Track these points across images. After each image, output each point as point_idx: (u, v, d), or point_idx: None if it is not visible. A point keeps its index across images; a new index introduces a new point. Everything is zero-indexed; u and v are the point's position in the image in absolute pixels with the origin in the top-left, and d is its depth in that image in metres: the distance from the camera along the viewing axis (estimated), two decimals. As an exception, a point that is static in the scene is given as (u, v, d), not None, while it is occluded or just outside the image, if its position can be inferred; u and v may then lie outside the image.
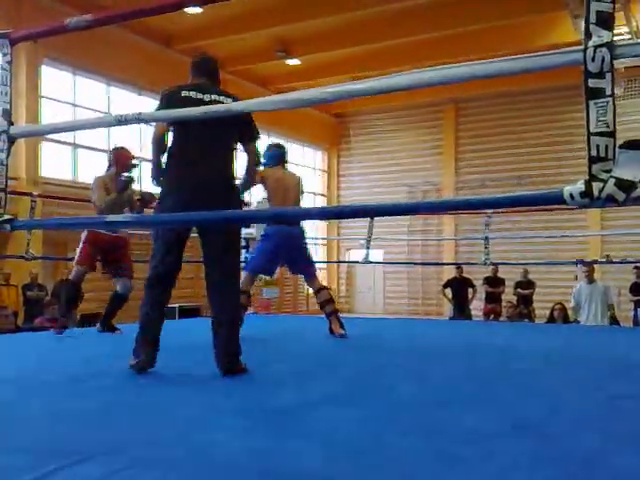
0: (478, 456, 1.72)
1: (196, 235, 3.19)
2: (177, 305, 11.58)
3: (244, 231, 7.45)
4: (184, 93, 3.07)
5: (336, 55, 14.26)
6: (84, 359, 3.73)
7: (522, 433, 1.97)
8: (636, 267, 9.83)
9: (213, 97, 3.09)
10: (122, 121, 1.96)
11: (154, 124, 3.20)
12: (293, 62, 14.66)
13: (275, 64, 14.61)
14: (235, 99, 3.10)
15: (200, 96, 3.07)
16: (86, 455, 1.69)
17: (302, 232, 4.92)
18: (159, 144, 3.10)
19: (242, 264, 4.07)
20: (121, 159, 5.03)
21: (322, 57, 14.45)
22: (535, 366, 3.49)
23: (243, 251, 7.55)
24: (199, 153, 3.03)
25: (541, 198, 1.32)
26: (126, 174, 5.00)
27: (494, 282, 10.63)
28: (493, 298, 10.63)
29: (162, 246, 3.07)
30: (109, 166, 5.08)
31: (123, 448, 1.78)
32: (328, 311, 4.84)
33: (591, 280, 7.81)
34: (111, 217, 2.27)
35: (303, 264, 4.96)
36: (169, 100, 3.03)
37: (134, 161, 5.16)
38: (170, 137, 3.12)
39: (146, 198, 5.09)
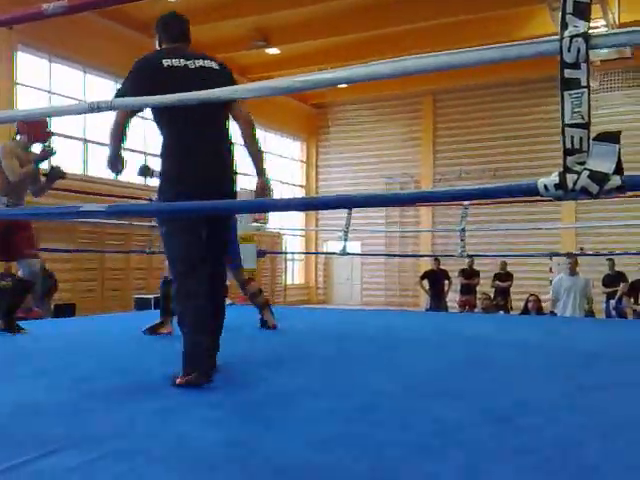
0: (448, 446, 1.73)
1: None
2: (153, 296, 11.50)
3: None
4: (166, 62, 2.66)
5: (316, 45, 14.19)
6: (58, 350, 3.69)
7: (492, 423, 1.98)
8: (609, 259, 9.96)
9: (199, 63, 2.72)
10: (95, 108, 1.92)
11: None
12: (272, 51, 14.57)
13: (254, 53, 14.49)
14: (221, 64, 2.82)
15: (184, 63, 2.68)
16: (58, 446, 1.67)
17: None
18: (121, 131, 2.70)
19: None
20: (36, 127, 4.26)
21: (302, 47, 14.38)
22: (507, 356, 3.52)
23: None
24: (199, 139, 2.70)
25: (516, 190, 1.32)
26: (46, 144, 4.32)
27: (469, 274, 10.71)
28: (468, 290, 10.72)
29: (183, 235, 2.64)
30: (18, 133, 4.30)
31: (97, 440, 1.77)
32: (259, 303, 4.64)
33: (573, 272, 7.83)
34: (88, 207, 2.18)
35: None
36: (148, 72, 2.63)
37: (49, 129, 4.45)
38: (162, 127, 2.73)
39: (54, 174, 4.40)
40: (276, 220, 16.83)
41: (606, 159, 1.17)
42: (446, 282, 10.80)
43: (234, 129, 2.89)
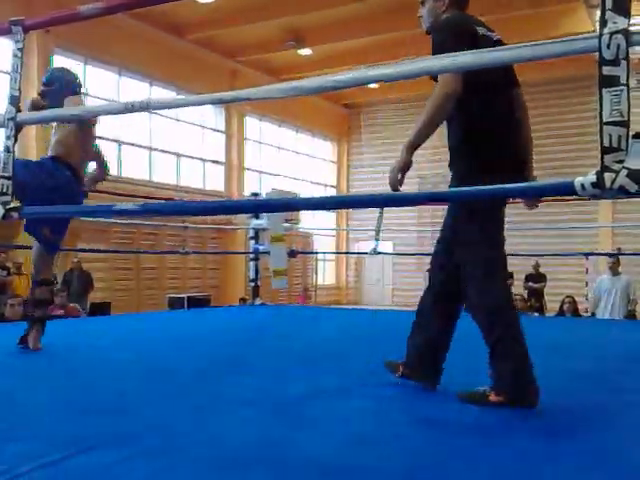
0: (478, 446, 1.71)
1: (200, 226, 3.14)
2: (186, 295, 11.65)
3: (254, 222, 7.45)
4: (480, 30, 2.22)
5: (348, 45, 14.17)
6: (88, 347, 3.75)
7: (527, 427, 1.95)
8: None
9: (496, 36, 2.27)
10: (129, 108, 1.95)
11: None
12: (305, 52, 14.60)
13: (286, 54, 14.54)
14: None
15: (489, 33, 2.25)
16: (96, 443, 1.70)
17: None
18: (449, 105, 2.10)
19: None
20: None
21: (334, 47, 14.38)
22: (543, 358, 3.46)
23: (251, 242, 7.56)
24: (511, 117, 2.29)
25: (552, 188, 1.30)
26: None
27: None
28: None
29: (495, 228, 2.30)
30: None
31: (134, 437, 1.79)
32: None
33: (615, 272, 7.59)
34: (122, 205, 2.22)
35: None
36: (469, 38, 2.12)
37: None
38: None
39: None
40: (308, 220, 16.88)
41: (646, 158, 1.15)
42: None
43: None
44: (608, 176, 1.19)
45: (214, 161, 14.94)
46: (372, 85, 17.15)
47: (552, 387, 2.30)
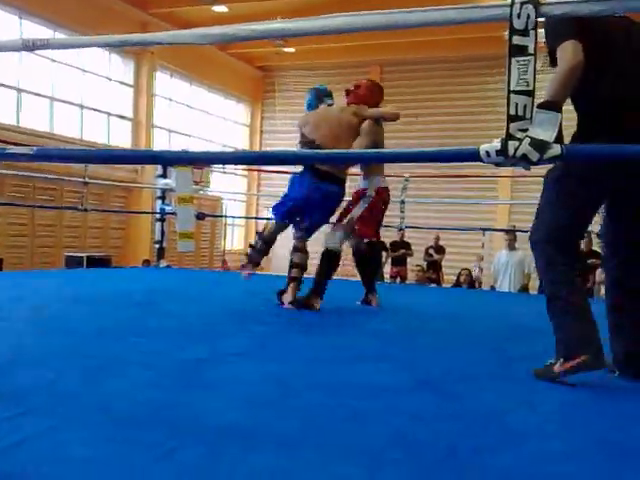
0: (381, 410, 1.75)
1: (101, 182, 3.00)
2: (85, 254, 11.22)
3: (161, 182, 7.21)
4: None
5: (265, 5, 13.85)
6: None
7: (424, 389, 2.02)
8: None
9: None
10: (29, 46, 1.80)
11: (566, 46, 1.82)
12: (220, 9, 14.13)
13: (200, 9, 14.03)
14: None
15: None
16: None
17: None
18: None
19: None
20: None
21: (251, 6, 14.01)
22: (439, 326, 3.60)
23: (158, 202, 7.33)
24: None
25: (458, 154, 1.32)
26: None
27: (398, 246, 10.84)
28: (398, 261, 10.86)
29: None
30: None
31: (22, 395, 1.71)
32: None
33: (512, 248, 7.97)
34: (15, 149, 2.06)
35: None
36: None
37: None
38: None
39: None
40: (217, 185, 16.59)
41: (548, 127, 1.19)
42: (384, 253, 10.94)
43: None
44: (512, 144, 1.22)
45: (120, 116, 14.31)
46: (288, 49, 16.92)
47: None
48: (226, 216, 16.03)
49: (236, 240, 19.27)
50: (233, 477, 1.24)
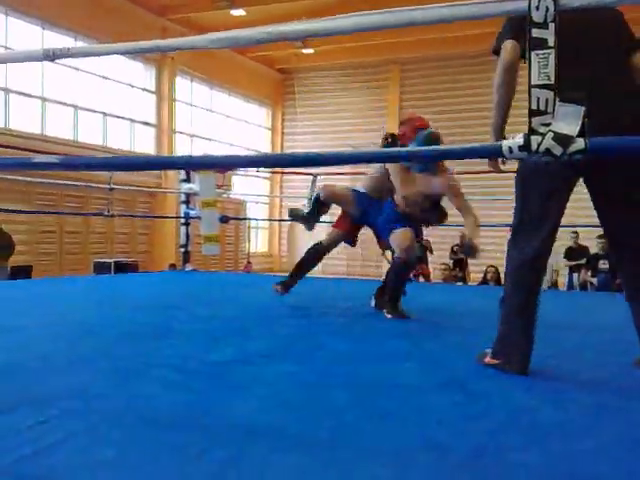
0: (408, 410, 1.74)
1: (127, 188, 3.02)
2: (112, 260, 11.36)
3: (184, 186, 7.27)
4: None
5: (284, 7, 13.90)
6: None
7: (451, 388, 2.01)
8: (573, 232, 10.02)
9: None
10: (50, 56, 1.83)
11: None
12: (238, 13, 14.23)
13: (218, 14, 14.13)
14: None
15: None
16: (16, 404, 1.64)
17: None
18: (508, 77, 2.06)
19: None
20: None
21: (269, 9, 14.07)
22: (466, 324, 3.58)
23: (182, 207, 7.39)
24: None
25: (481, 150, 1.31)
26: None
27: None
28: (421, 259, 10.77)
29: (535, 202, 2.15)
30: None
31: (54, 398, 1.74)
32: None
33: None
34: (41, 158, 2.08)
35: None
36: None
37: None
38: None
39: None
40: (240, 187, 16.68)
41: (571, 121, 1.17)
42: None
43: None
44: (535, 139, 1.20)
45: (144, 122, 14.47)
46: (306, 51, 16.95)
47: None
48: (250, 219, 16.13)
49: (260, 242, 19.36)
50: (262, 478, 1.25)
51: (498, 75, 2.05)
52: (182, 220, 7.46)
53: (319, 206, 4.09)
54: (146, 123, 14.53)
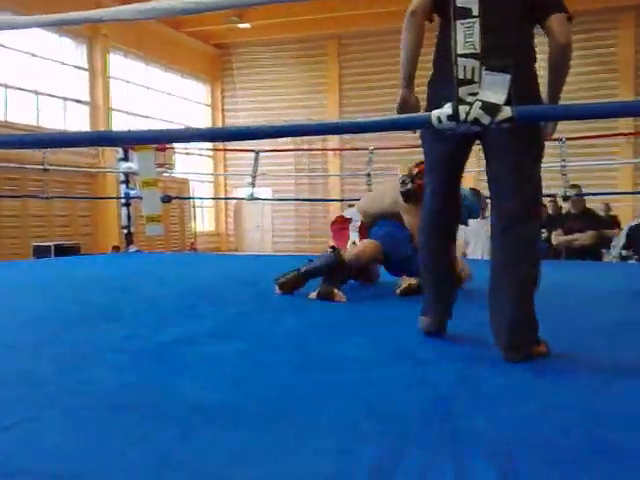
0: (354, 382, 1.77)
1: (62, 169, 2.89)
2: (52, 243, 11.05)
3: (122, 165, 7.09)
4: None
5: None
6: None
7: (397, 361, 2.03)
8: (552, 201, 9.27)
9: None
10: None
11: None
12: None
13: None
14: None
15: None
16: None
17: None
18: (409, 25, 2.10)
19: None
20: None
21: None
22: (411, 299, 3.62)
23: (122, 187, 7.21)
24: None
25: (411, 121, 1.33)
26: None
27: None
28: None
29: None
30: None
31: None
32: None
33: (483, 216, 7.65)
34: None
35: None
36: None
37: None
38: None
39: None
40: (183, 166, 16.39)
41: (498, 90, 1.19)
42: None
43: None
44: (462, 108, 1.22)
45: (77, 100, 13.99)
46: (242, 25, 16.63)
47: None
48: (193, 198, 15.90)
49: (207, 221, 19.15)
50: (210, 457, 1.25)
51: (405, 21, 2.06)
52: (122, 201, 7.29)
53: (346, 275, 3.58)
54: (79, 101, 14.06)
